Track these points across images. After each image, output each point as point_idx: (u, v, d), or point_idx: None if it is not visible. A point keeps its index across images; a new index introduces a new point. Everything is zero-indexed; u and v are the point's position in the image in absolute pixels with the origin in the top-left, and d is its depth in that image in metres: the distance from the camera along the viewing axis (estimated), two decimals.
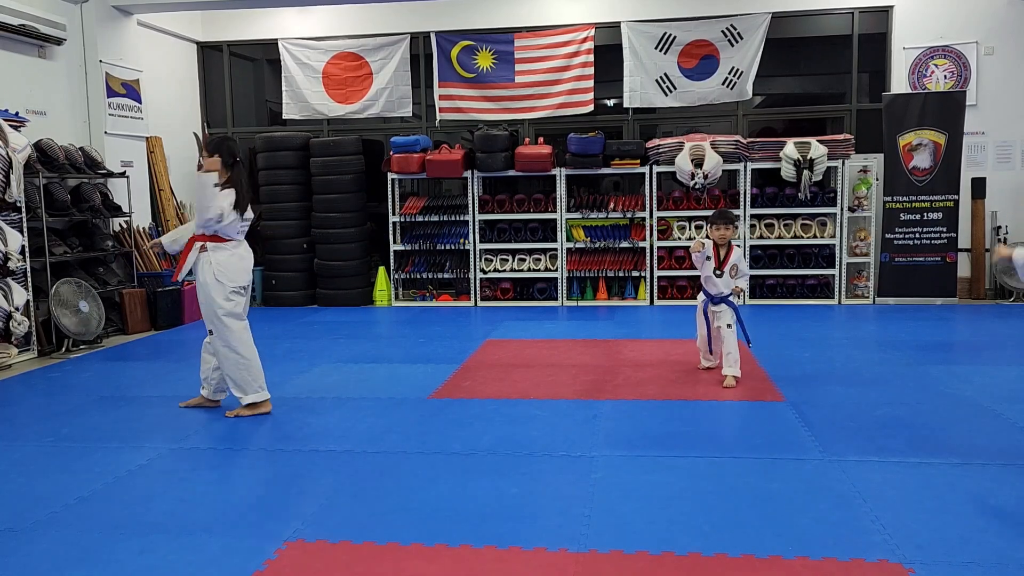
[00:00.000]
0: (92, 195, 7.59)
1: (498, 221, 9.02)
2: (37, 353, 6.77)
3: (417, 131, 9.66)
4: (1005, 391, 4.98)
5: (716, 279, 5.29)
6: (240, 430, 4.52)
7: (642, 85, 9.20)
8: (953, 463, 3.74)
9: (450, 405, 4.94)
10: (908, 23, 8.86)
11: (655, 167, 8.70)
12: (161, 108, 9.21)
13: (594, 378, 5.53)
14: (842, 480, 3.55)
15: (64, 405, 5.18)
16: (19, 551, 3.04)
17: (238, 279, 4.73)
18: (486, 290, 9.08)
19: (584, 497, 3.40)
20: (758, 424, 4.43)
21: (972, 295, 8.84)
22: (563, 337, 7.13)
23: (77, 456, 4.12)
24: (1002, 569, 2.74)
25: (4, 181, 6.19)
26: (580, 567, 2.81)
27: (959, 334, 7.20)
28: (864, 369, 5.66)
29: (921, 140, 8.45)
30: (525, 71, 9.37)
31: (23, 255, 6.47)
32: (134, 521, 3.28)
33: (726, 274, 5.28)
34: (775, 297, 8.69)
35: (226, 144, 4.77)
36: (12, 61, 7.28)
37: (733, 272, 5.29)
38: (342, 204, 9.08)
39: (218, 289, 4.66)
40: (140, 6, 8.47)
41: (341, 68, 9.67)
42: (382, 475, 3.76)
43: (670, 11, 9.17)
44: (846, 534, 3.01)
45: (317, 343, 7.01)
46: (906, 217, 8.53)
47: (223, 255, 4.70)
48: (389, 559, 2.90)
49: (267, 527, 3.18)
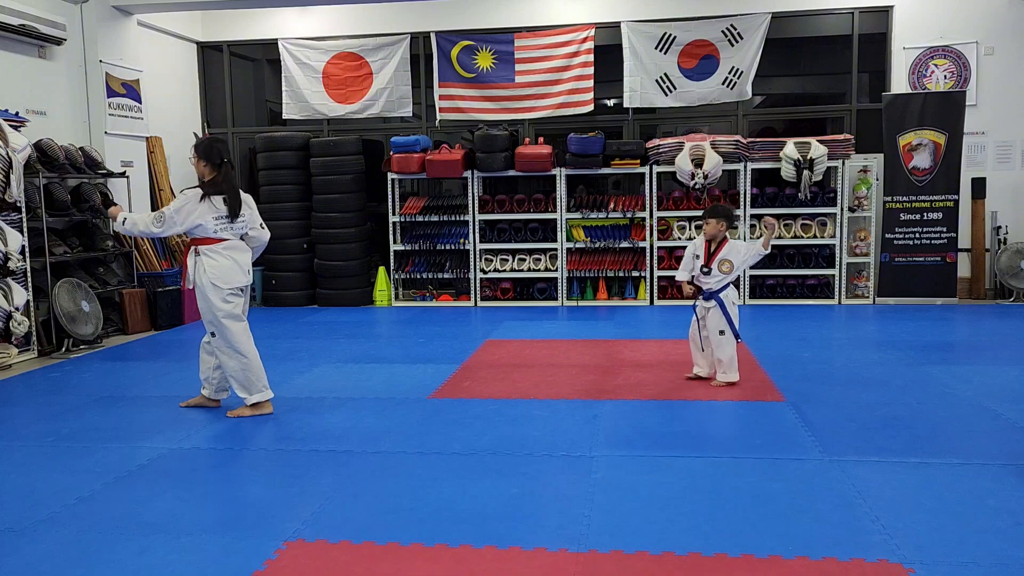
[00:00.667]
0: (92, 195, 7.59)
1: (498, 221, 9.02)
2: (37, 353, 6.76)
3: (417, 131, 9.67)
4: (1005, 391, 4.98)
5: (704, 276, 5.18)
6: (240, 430, 4.52)
7: (642, 85, 9.20)
8: (953, 463, 3.74)
9: (450, 405, 4.94)
10: (908, 23, 8.86)
11: (655, 167, 8.70)
12: (161, 108, 9.21)
13: (594, 378, 5.53)
14: (842, 480, 3.54)
15: (64, 405, 5.18)
16: (19, 551, 3.04)
17: (234, 280, 4.72)
18: (486, 290, 9.08)
19: (584, 497, 3.40)
20: (758, 424, 4.43)
21: (972, 295, 8.84)
22: (563, 337, 7.13)
23: (77, 456, 4.12)
24: (1002, 569, 2.74)
25: (4, 181, 6.19)
26: (580, 567, 2.81)
27: (959, 334, 7.20)
28: (864, 369, 5.66)
29: (921, 140, 8.45)
30: (525, 71, 9.37)
31: (23, 255, 6.46)
32: (134, 521, 3.28)
33: (715, 270, 5.14)
34: (775, 297, 8.69)
35: (214, 146, 4.78)
36: (12, 61, 7.28)
37: (724, 267, 5.13)
38: (342, 204, 9.07)
39: (215, 292, 4.66)
40: (140, 6, 8.47)
41: (341, 68, 9.67)
42: (382, 475, 3.76)
43: (670, 11, 9.17)
44: (846, 534, 3.01)
45: (317, 343, 7.01)
46: (906, 217, 8.53)
47: (217, 258, 4.69)
48: (389, 559, 2.90)
49: (267, 527, 3.18)
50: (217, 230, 4.69)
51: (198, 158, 4.75)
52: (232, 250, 4.75)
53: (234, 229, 4.78)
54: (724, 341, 5.14)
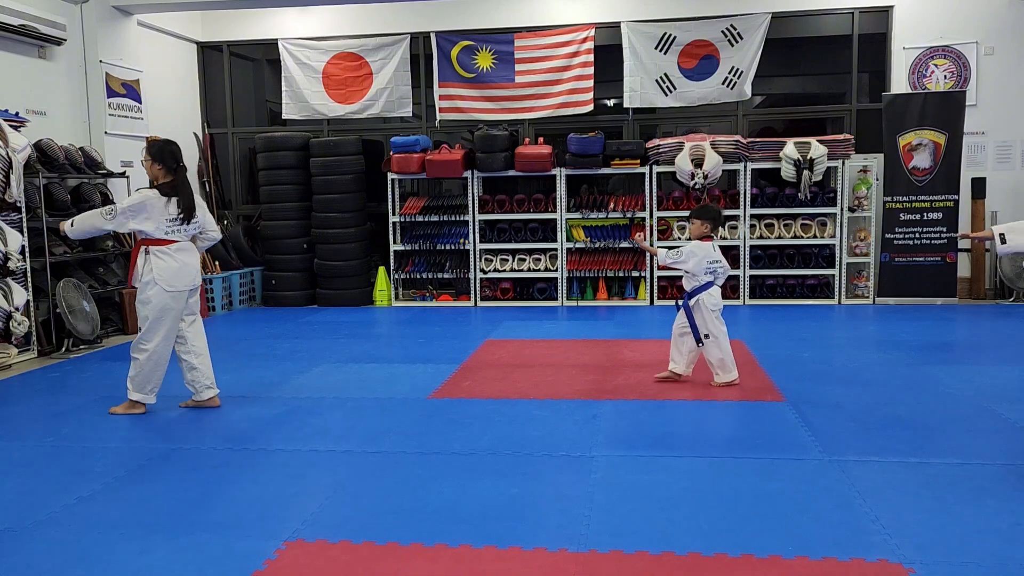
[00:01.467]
0: (92, 195, 7.59)
1: (498, 221, 9.02)
2: (37, 353, 6.77)
3: (417, 131, 9.67)
4: (1005, 391, 4.97)
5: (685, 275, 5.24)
6: (240, 430, 4.52)
7: (642, 85, 9.20)
8: (953, 463, 3.73)
9: (450, 405, 4.94)
10: (908, 23, 8.86)
11: (655, 167, 8.70)
12: (161, 108, 9.21)
13: (594, 378, 5.53)
14: (842, 480, 3.54)
15: (64, 405, 5.18)
16: (19, 551, 3.04)
17: (180, 283, 4.76)
18: (486, 290, 9.08)
19: (584, 497, 3.40)
20: (758, 424, 4.43)
21: (972, 295, 8.84)
22: (563, 337, 7.13)
23: (77, 456, 4.12)
24: (1002, 569, 2.73)
25: (4, 181, 6.19)
26: (580, 567, 2.80)
27: (959, 334, 7.20)
28: (864, 369, 5.66)
29: (921, 140, 8.45)
30: (525, 71, 9.37)
31: (23, 255, 6.47)
32: (134, 521, 3.28)
33: None
34: (775, 297, 8.69)
35: (168, 149, 4.81)
36: (12, 61, 7.28)
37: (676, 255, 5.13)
38: (342, 204, 9.07)
39: (158, 293, 4.71)
40: (140, 6, 8.47)
41: (341, 68, 9.67)
42: (382, 475, 3.76)
43: (670, 11, 9.17)
44: (846, 534, 3.01)
45: (317, 343, 7.01)
46: (906, 217, 8.53)
47: (166, 259, 4.74)
48: (389, 559, 2.90)
49: (267, 527, 3.18)
50: (169, 232, 4.74)
51: (152, 161, 4.78)
52: (181, 252, 4.80)
53: (186, 231, 4.82)
54: (709, 343, 5.14)
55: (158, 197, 4.70)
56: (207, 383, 4.94)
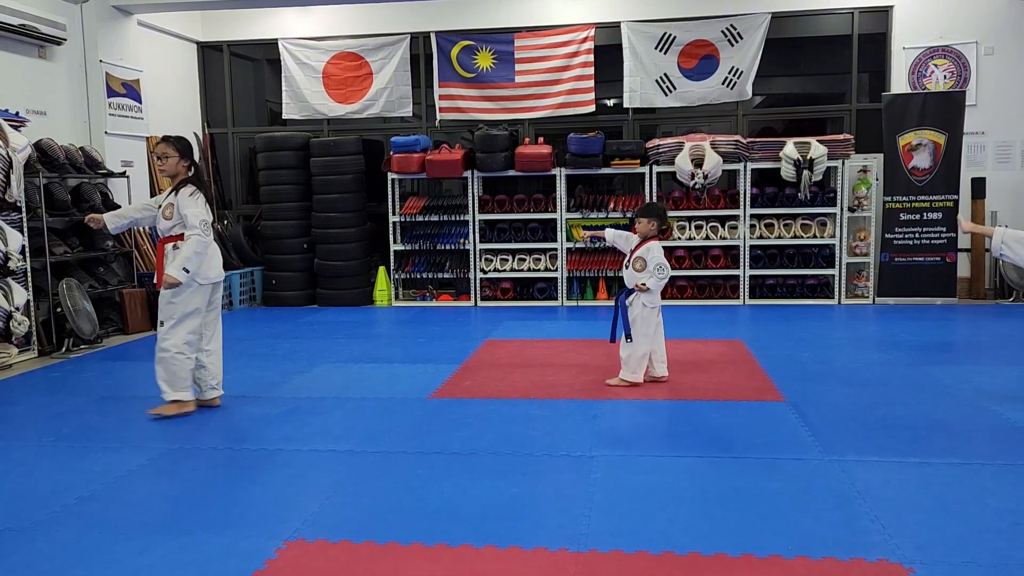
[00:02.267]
0: (92, 195, 7.59)
1: (498, 221, 9.02)
2: (37, 353, 6.76)
3: (417, 131, 9.66)
4: (1005, 391, 4.98)
5: (624, 271, 5.30)
6: (240, 430, 4.52)
7: (642, 85, 9.20)
8: (953, 463, 3.74)
9: (450, 405, 4.94)
10: (908, 23, 8.86)
11: (655, 167, 8.70)
12: (161, 108, 9.21)
13: (594, 378, 5.53)
14: (842, 480, 3.54)
15: (64, 405, 5.18)
16: (19, 551, 3.04)
17: (212, 275, 4.76)
18: (486, 290, 9.08)
19: (584, 497, 3.40)
20: (758, 424, 4.43)
21: (972, 295, 8.84)
22: (563, 337, 7.13)
23: (77, 456, 4.12)
24: (1002, 569, 2.74)
25: (4, 181, 6.19)
26: (580, 567, 2.81)
27: (959, 334, 7.20)
28: (864, 369, 5.66)
29: (921, 140, 8.45)
30: (525, 71, 9.37)
31: (23, 255, 6.47)
32: (134, 521, 3.28)
33: (630, 267, 5.25)
34: (775, 297, 8.69)
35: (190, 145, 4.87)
36: (12, 61, 7.28)
37: (637, 265, 5.20)
38: (342, 204, 9.07)
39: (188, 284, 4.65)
40: (140, 6, 8.47)
41: (341, 68, 9.67)
42: (382, 475, 3.76)
43: (670, 11, 9.17)
44: (846, 534, 3.01)
45: (317, 343, 7.01)
46: (906, 217, 8.53)
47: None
48: (389, 559, 2.90)
49: (267, 527, 3.18)
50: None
51: (179, 157, 4.75)
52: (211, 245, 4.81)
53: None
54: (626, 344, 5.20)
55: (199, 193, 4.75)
56: (213, 383, 4.93)
